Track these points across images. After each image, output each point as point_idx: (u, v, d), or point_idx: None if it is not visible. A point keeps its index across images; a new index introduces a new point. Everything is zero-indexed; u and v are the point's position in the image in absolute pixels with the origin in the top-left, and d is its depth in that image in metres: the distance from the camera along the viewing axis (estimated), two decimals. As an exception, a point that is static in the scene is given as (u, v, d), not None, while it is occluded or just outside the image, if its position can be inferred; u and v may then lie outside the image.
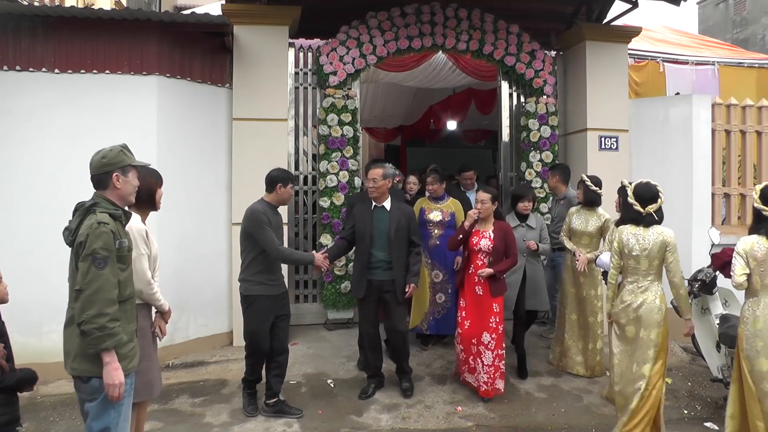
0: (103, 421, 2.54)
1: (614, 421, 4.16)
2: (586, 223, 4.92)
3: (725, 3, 16.95)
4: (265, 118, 5.69)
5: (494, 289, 4.38)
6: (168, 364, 5.12)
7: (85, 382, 2.52)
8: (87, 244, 2.42)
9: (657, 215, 3.59)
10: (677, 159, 6.30)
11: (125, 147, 2.70)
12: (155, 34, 5.13)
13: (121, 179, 2.62)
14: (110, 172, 2.59)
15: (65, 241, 2.58)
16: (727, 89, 7.62)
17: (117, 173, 2.60)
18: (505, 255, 4.43)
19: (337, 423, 4.07)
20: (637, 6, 6.39)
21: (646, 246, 3.54)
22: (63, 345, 2.58)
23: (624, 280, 3.71)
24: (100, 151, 2.63)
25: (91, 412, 2.55)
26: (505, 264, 4.43)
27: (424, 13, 6.16)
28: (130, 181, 2.67)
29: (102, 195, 2.60)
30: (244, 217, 4.04)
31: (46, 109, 4.92)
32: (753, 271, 3.34)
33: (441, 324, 5.30)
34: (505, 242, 4.43)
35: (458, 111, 9.38)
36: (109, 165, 2.59)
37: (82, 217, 2.54)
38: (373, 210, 4.37)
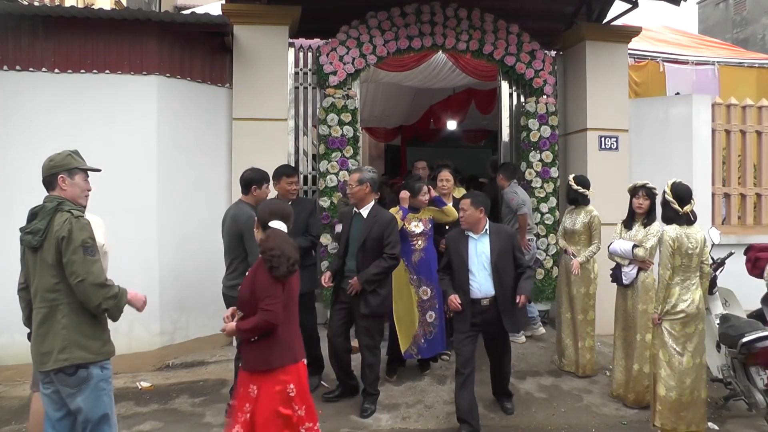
0: (99, 408, 2.66)
1: (614, 421, 4.18)
2: (574, 222, 4.97)
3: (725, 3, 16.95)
4: (265, 118, 5.69)
5: None
6: (168, 364, 5.12)
7: (71, 374, 2.60)
8: (73, 237, 2.55)
9: (693, 215, 3.81)
10: (677, 159, 6.31)
11: (75, 152, 2.84)
12: (155, 34, 5.13)
13: (68, 181, 2.73)
14: (56, 174, 2.71)
15: (29, 244, 2.63)
16: (727, 89, 7.62)
17: (63, 175, 2.72)
18: None
19: (337, 423, 4.07)
20: (637, 6, 6.39)
21: (697, 244, 3.76)
22: (36, 346, 2.65)
23: (672, 279, 3.81)
24: (50, 156, 2.77)
25: (83, 405, 2.63)
26: None
27: (424, 13, 6.16)
28: (77, 184, 2.77)
29: (58, 195, 2.71)
30: (234, 219, 4.00)
31: (46, 109, 4.92)
32: None
33: (433, 345, 4.88)
34: None
35: (458, 111, 9.37)
36: (56, 167, 2.73)
37: (51, 216, 2.62)
38: (353, 217, 4.25)
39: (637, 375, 4.36)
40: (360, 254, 4.12)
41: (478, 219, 3.97)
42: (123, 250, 4.47)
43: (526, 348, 5.71)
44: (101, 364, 2.69)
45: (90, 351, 2.63)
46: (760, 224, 6.74)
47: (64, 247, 2.55)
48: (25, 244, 2.66)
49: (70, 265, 2.55)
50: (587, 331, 4.96)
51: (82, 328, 2.63)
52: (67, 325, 2.60)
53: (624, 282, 4.45)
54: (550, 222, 6.30)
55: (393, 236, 4.17)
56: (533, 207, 6.28)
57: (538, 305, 6.33)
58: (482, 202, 4.00)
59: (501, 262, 3.93)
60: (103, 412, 2.68)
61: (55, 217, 2.61)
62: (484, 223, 4.02)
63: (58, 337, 2.58)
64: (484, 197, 4.06)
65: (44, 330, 2.61)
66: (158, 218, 5.10)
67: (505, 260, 3.95)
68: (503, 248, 3.96)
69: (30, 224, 2.66)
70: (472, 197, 4.00)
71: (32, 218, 2.68)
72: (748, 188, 6.76)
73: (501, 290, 3.93)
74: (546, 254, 6.27)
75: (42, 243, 2.60)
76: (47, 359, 2.60)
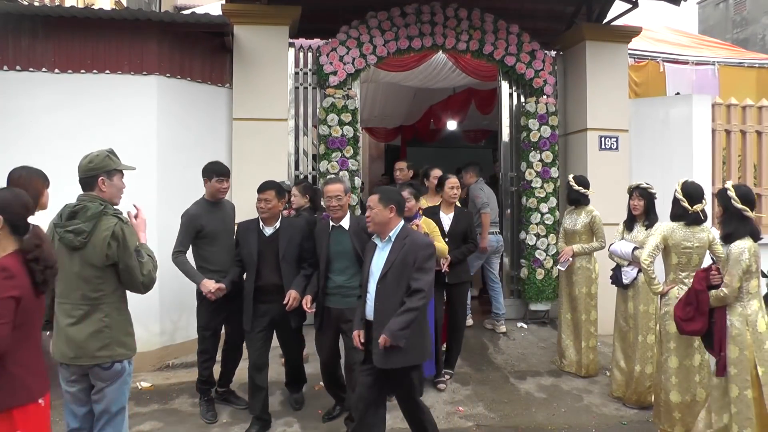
0: (120, 401, 2.82)
1: (614, 421, 4.18)
2: (575, 222, 4.97)
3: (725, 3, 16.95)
4: (265, 118, 5.69)
5: None
6: (168, 364, 5.12)
7: (107, 369, 2.73)
8: (128, 243, 2.69)
9: (703, 215, 3.76)
10: (677, 159, 6.31)
11: (112, 152, 2.88)
12: (155, 34, 5.13)
13: (107, 183, 2.79)
14: (96, 175, 2.77)
15: (70, 243, 2.66)
16: (727, 89, 7.61)
17: (103, 177, 2.78)
18: None
19: (337, 423, 4.07)
20: (637, 6, 6.40)
21: (700, 244, 3.72)
22: (74, 341, 2.70)
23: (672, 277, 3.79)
24: (88, 155, 2.81)
25: (108, 396, 2.77)
26: None
27: (424, 13, 6.16)
28: (116, 185, 2.85)
29: (96, 196, 2.77)
30: None
31: (46, 109, 4.92)
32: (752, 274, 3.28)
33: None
34: None
35: (458, 111, 9.37)
36: (96, 169, 2.77)
37: (97, 219, 2.68)
38: (331, 231, 3.83)
39: (638, 376, 4.34)
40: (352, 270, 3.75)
41: (386, 220, 3.20)
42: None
43: (526, 348, 5.71)
44: (130, 360, 2.85)
45: (128, 347, 2.80)
46: (760, 224, 6.74)
47: (120, 253, 2.66)
48: (66, 243, 2.67)
49: (130, 271, 2.70)
50: (590, 331, 4.96)
51: (122, 326, 2.79)
52: (109, 324, 2.72)
53: (624, 282, 4.45)
54: (550, 222, 6.31)
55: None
56: (533, 207, 6.30)
57: (538, 305, 6.34)
58: (393, 199, 3.23)
59: (392, 279, 3.13)
60: (123, 404, 2.84)
61: (102, 221, 2.69)
62: (394, 226, 3.23)
63: (100, 335, 2.70)
64: (396, 193, 3.38)
65: (84, 327, 2.69)
66: (158, 218, 5.09)
67: (398, 277, 3.13)
68: (402, 262, 3.13)
69: (70, 222, 2.67)
70: (381, 192, 3.27)
71: (71, 217, 2.70)
72: (748, 188, 6.75)
73: (378, 316, 3.15)
74: (546, 254, 6.27)
75: (85, 244, 2.65)
76: (82, 354, 2.70)
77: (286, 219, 4.08)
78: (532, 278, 6.28)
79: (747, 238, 3.26)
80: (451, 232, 4.70)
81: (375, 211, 3.21)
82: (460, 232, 4.73)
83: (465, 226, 4.75)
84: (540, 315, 6.45)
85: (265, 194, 3.84)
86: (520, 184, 6.49)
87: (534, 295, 6.29)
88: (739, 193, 3.30)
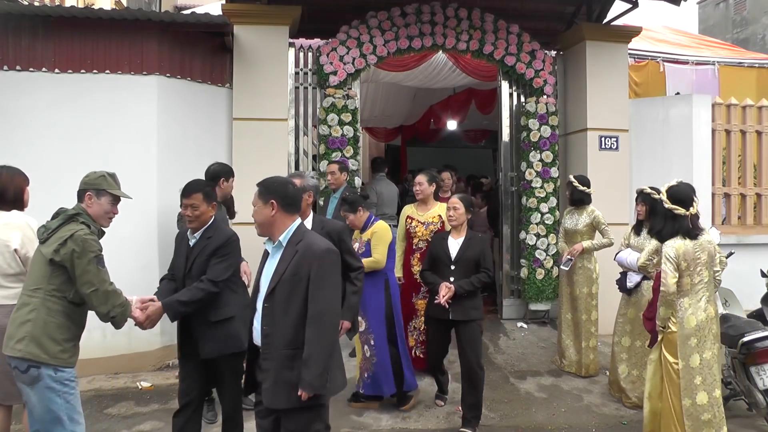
0: (51, 410, 2.66)
1: (614, 421, 4.18)
2: (576, 222, 4.98)
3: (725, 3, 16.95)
4: (265, 118, 5.69)
5: None
6: (168, 364, 5.12)
7: (24, 371, 2.65)
8: (86, 248, 2.66)
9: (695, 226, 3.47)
10: (677, 159, 6.31)
11: (111, 175, 2.95)
12: (155, 34, 5.13)
13: (93, 200, 2.85)
14: (85, 190, 2.86)
15: (39, 235, 2.77)
16: (727, 89, 7.62)
17: (90, 193, 2.85)
18: None
19: (337, 423, 4.07)
20: (637, 6, 6.40)
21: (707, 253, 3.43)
22: (7, 328, 2.73)
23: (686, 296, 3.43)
24: (90, 172, 2.93)
25: (35, 402, 2.67)
26: None
27: (424, 12, 6.16)
28: (102, 205, 2.87)
29: (83, 208, 2.84)
30: None
31: (46, 109, 4.92)
32: (683, 271, 3.37)
33: (376, 383, 4.19)
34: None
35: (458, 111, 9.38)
36: (86, 185, 2.88)
37: (64, 221, 2.73)
38: None
39: (636, 380, 4.39)
40: None
41: (268, 220, 2.55)
42: (123, 250, 4.48)
43: (526, 348, 5.72)
44: (55, 367, 2.67)
45: (45, 351, 2.63)
46: (760, 224, 6.74)
47: (77, 259, 2.65)
48: (38, 235, 2.78)
49: (85, 275, 2.66)
50: (591, 331, 4.97)
51: (47, 327, 2.66)
52: (34, 319, 2.66)
53: (628, 286, 4.46)
54: (550, 222, 6.31)
55: (348, 245, 3.46)
56: (533, 207, 6.30)
57: (538, 305, 6.33)
58: (275, 192, 2.55)
59: (281, 296, 2.49)
60: (55, 414, 2.67)
61: (68, 224, 2.73)
62: (284, 227, 2.56)
63: (22, 327, 2.66)
64: (282, 184, 2.62)
65: (16, 317, 2.72)
66: (158, 218, 5.10)
67: (288, 295, 2.47)
68: (294, 274, 2.47)
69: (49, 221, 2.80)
70: (262, 186, 2.61)
71: (54, 216, 2.81)
72: (748, 188, 6.76)
73: (266, 342, 2.52)
74: (546, 254, 6.27)
75: (47, 240, 2.71)
76: (6, 343, 2.71)
77: (213, 225, 3.25)
78: (532, 278, 6.28)
79: (678, 237, 3.37)
80: (458, 259, 3.97)
81: (255, 208, 2.58)
82: (470, 258, 3.95)
83: (477, 253, 3.97)
84: (540, 315, 6.45)
85: (192, 199, 3.15)
86: (520, 184, 6.49)
87: (534, 295, 6.28)
88: (670, 192, 3.43)
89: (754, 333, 3.79)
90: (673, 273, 3.34)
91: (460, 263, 3.95)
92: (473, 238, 4.04)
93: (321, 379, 2.43)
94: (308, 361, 2.42)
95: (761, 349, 3.73)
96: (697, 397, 3.36)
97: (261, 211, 2.56)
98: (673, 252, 3.35)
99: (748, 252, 5.81)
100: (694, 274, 3.39)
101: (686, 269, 3.38)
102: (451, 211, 4.02)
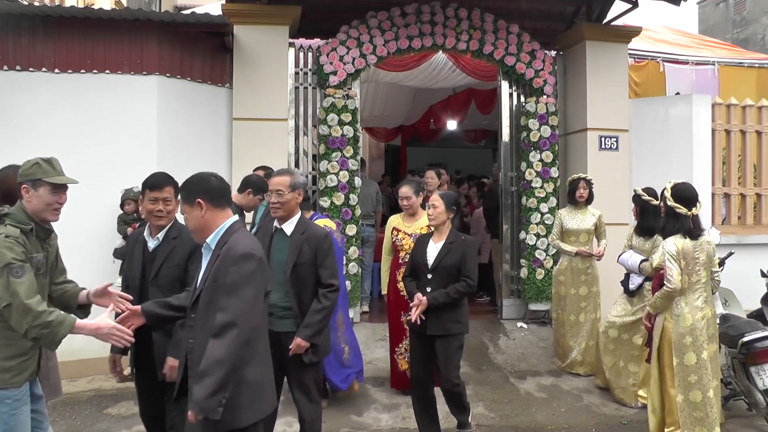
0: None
1: (614, 421, 4.19)
2: (581, 222, 5.06)
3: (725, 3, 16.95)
4: (265, 118, 5.69)
5: None
6: (168, 364, 5.12)
7: None
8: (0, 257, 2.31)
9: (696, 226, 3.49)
10: (677, 159, 6.31)
11: (47, 160, 2.51)
12: (155, 34, 5.13)
13: (31, 193, 2.47)
14: (21, 183, 2.48)
15: None
16: (727, 89, 7.62)
17: (26, 185, 2.47)
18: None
19: (337, 423, 4.07)
20: (637, 6, 6.39)
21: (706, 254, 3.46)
22: None
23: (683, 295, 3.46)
24: (27, 160, 2.53)
25: None
26: None
27: (424, 12, 6.16)
28: (41, 197, 2.47)
29: (19, 206, 2.49)
30: None
31: (46, 109, 4.92)
32: (682, 270, 3.40)
33: None
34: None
35: (458, 111, 9.38)
36: (21, 177, 2.49)
37: None
38: (274, 234, 3.18)
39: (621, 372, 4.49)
40: (291, 284, 3.08)
41: (201, 223, 2.34)
42: (123, 250, 4.48)
43: (526, 348, 5.71)
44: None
45: None
46: (760, 224, 6.74)
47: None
48: None
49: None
50: (591, 330, 5.00)
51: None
52: None
53: (630, 287, 4.47)
54: (550, 222, 6.29)
55: (330, 259, 3.15)
56: (533, 207, 6.28)
57: (538, 305, 6.33)
58: (199, 189, 2.33)
59: (203, 305, 2.29)
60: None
61: None
62: (213, 228, 2.35)
63: None
64: (201, 179, 2.38)
65: None
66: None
67: (207, 304, 2.27)
68: (214, 281, 2.26)
69: None
70: (183, 190, 2.41)
71: None
72: (748, 188, 6.76)
73: (191, 356, 2.33)
74: (546, 254, 6.27)
75: None
76: None
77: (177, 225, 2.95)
78: (532, 278, 6.27)
79: (678, 235, 3.40)
80: (435, 267, 3.58)
81: (185, 216, 2.39)
82: (449, 266, 3.55)
83: (457, 259, 3.55)
84: (540, 315, 6.44)
85: (164, 192, 2.87)
86: (520, 184, 6.49)
87: (534, 295, 6.28)
88: (674, 190, 3.46)
89: (754, 333, 3.80)
90: (678, 269, 3.36)
91: (437, 271, 3.56)
92: (455, 242, 3.60)
93: (212, 401, 2.07)
94: (202, 377, 2.10)
95: (761, 349, 3.74)
96: (690, 394, 3.40)
97: (191, 215, 2.33)
98: (674, 249, 3.38)
99: (748, 252, 5.81)
100: (692, 273, 3.42)
101: (684, 268, 3.41)
102: (431, 209, 3.64)
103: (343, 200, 5.87)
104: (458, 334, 3.59)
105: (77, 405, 4.32)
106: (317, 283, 3.11)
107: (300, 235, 3.11)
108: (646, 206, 4.32)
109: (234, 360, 2.13)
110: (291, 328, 3.05)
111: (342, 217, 5.83)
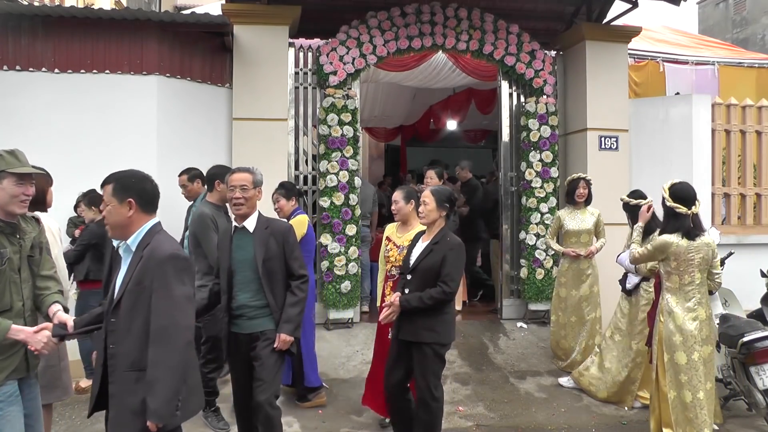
0: None
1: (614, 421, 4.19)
2: (582, 222, 5.08)
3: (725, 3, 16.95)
4: (265, 118, 5.69)
5: None
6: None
7: None
8: None
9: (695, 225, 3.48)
10: (677, 159, 6.31)
11: (10, 152, 2.45)
12: (155, 34, 5.13)
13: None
14: None
15: None
16: (727, 89, 7.62)
17: None
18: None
19: (337, 423, 4.07)
20: (637, 6, 6.40)
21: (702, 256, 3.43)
22: None
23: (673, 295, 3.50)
24: None
25: None
26: None
27: (424, 13, 6.16)
28: (5, 189, 2.38)
29: None
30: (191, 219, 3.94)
31: (45, 109, 4.92)
32: (673, 270, 3.44)
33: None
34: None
35: (458, 111, 9.37)
36: None
37: None
38: (234, 233, 3.16)
39: (624, 381, 4.45)
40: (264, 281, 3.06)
41: (124, 221, 2.32)
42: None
43: (526, 348, 5.71)
44: None
45: None
46: (760, 224, 6.74)
47: None
48: None
49: None
50: (596, 329, 5.04)
51: None
52: None
53: (627, 287, 4.47)
54: (550, 222, 6.30)
55: (296, 250, 3.17)
56: (533, 207, 6.29)
57: (538, 305, 6.32)
58: (134, 189, 2.33)
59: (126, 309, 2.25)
60: None
61: None
62: (135, 228, 2.35)
63: None
64: (138, 180, 2.39)
65: None
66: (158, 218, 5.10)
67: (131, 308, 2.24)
68: (138, 284, 2.24)
69: None
70: (116, 182, 2.35)
71: None
72: (748, 188, 6.76)
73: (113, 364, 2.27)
74: (546, 254, 6.27)
75: None
76: None
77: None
78: (531, 278, 6.27)
79: (676, 234, 3.41)
80: (415, 267, 3.38)
81: (109, 207, 2.32)
82: (428, 267, 3.31)
83: (437, 260, 3.29)
84: (540, 315, 6.43)
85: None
86: (520, 184, 6.49)
87: (534, 295, 6.28)
88: (672, 190, 3.49)
89: (753, 333, 3.80)
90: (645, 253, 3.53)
91: (416, 273, 3.34)
92: (440, 242, 3.34)
93: (169, 406, 2.12)
94: (153, 386, 2.11)
95: (761, 349, 3.74)
96: (681, 393, 3.43)
97: (116, 211, 2.27)
98: (660, 241, 3.43)
99: (747, 252, 5.82)
100: (684, 274, 3.42)
101: (675, 269, 3.43)
102: (421, 206, 3.45)
103: (343, 200, 5.87)
104: (432, 343, 3.28)
105: (77, 405, 4.33)
106: (288, 275, 3.13)
107: (264, 230, 3.11)
108: (636, 210, 4.23)
109: (183, 363, 2.17)
110: (267, 326, 3.07)
111: (342, 217, 5.84)
